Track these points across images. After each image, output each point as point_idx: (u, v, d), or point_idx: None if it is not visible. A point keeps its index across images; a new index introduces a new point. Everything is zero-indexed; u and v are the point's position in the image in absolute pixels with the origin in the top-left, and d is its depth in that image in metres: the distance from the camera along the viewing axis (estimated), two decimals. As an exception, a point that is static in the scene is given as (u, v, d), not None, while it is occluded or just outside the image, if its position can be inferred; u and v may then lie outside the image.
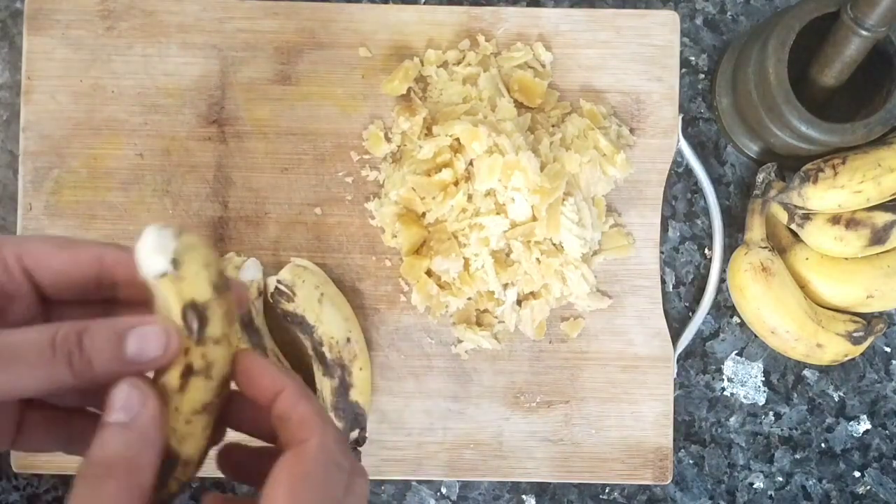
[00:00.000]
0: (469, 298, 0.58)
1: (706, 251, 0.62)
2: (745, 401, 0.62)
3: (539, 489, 0.61)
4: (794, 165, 0.59)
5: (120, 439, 0.30)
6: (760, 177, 0.60)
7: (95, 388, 0.34)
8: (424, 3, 0.61)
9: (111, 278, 0.34)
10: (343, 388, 0.56)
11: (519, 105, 0.59)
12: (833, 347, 0.58)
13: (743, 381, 0.62)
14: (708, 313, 0.61)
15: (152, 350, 0.30)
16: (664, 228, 0.61)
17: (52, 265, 0.33)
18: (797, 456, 0.62)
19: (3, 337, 0.30)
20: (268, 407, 0.33)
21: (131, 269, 0.32)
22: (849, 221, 0.58)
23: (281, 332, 0.58)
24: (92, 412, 0.35)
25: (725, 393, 0.62)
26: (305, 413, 0.32)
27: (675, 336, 0.60)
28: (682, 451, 0.62)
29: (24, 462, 0.58)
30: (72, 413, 0.35)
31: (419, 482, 0.61)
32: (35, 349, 0.30)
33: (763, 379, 0.62)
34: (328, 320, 0.55)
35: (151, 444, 0.30)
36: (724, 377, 0.62)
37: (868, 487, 0.62)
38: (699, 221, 0.62)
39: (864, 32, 0.50)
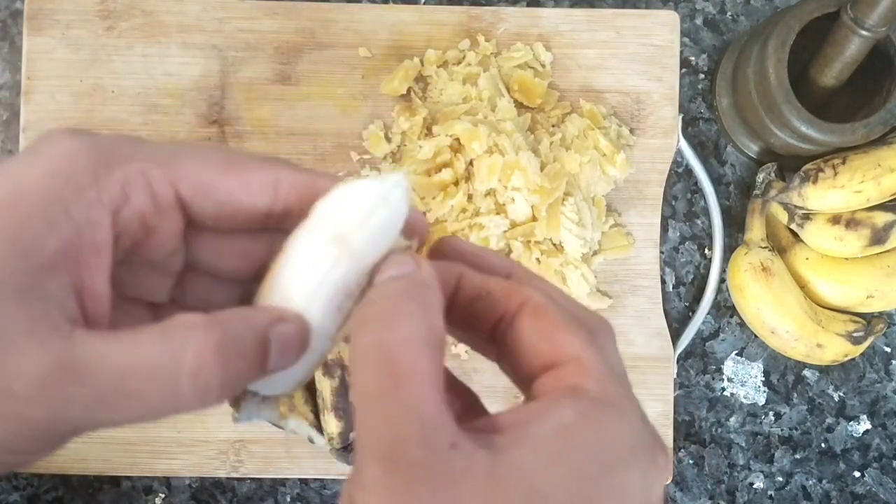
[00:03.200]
0: (469, 298, 0.58)
1: (706, 251, 0.62)
2: (745, 401, 0.62)
3: (539, 489, 0.61)
4: (794, 165, 0.59)
5: (399, 283, 0.24)
6: (760, 177, 0.60)
7: None
8: (424, 3, 0.61)
9: (285, 208, 0.26)
10: (343, 388, 0.56)
11: (519, 105, 0.59)
12: (833, 347, 0.58)
13: (743, 381, 0.62)
14: (708, 313, 0.61)
15: (290, 353, 0.25)
16: (664, 228, 0.61)
17: (217, 194, 0.26)
18: (797, 456, 0.62)
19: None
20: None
21: (312, 195, 0.26)
22: (849, 221, 0.58)
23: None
24: None
25: (725, 393, 0.62)
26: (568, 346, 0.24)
27: (675, 336, 0.60)
28: (682, 451, 0.61)
29: (24, 462, 0.58)
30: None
31: (419, 482, 0.61)
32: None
33: (763, 379, 0.62)
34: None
35: (435, 288, 0.24)
36: (724, 377, 0.62)
37: (868, 487, 0.62)
38: (699, 221, 0.62)
39: (864, 32, 0.50)
